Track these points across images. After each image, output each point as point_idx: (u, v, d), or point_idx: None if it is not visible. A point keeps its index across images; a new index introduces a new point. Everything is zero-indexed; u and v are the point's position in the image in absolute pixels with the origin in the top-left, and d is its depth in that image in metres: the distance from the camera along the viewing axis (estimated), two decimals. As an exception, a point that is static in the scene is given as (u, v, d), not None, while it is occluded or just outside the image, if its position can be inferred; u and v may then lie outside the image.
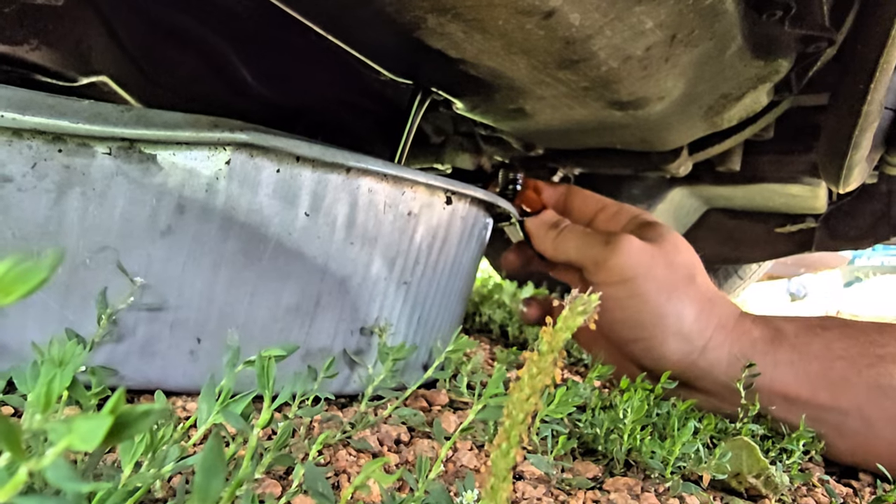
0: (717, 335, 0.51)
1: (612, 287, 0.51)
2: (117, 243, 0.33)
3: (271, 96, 0.96)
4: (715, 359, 0.50)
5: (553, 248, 0.56)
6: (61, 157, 0.31)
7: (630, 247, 0.51)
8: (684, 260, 0.53)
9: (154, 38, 0.75)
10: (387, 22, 0.44)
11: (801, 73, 0.68)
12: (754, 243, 1.35)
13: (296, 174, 0.36)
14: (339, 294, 0.40)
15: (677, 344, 0.50)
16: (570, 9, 0.42)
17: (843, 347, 0.47)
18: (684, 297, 0.51)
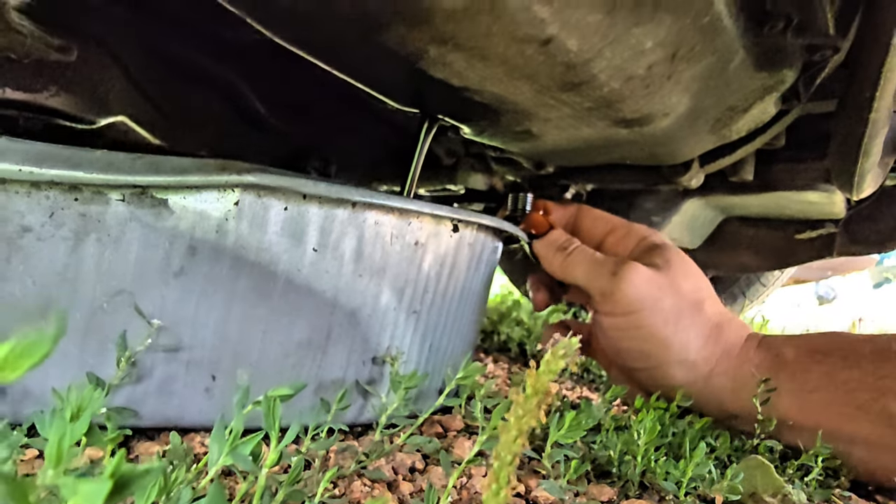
0: (722, 363, 0.51)
1: (619, 318, 0.52)
2: (132, 286, 0.34)
3: (285, 127, 0.98)
4: (719, 386, 0.50)
5: (561, 270, 0.56)
6: (77, 205, 0.33)
7: (636, 278, 0.51)
8: (692, 286, 0.53)
9: (170, 77, 0.77)
10: (389, 55, 0.45)
11: (808, 81, 0.68)
12: (774, 251, 1.34)
13: (303, 211, 0.37)
14: (349, 326, 0.40)
15: (683, 372, 0.51)
16: (568, 35, 0.42)
17: (843, 379, 0.47)
18: (690, 326, 0.51)
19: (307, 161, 1.09)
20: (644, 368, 0.53)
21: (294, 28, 0.43)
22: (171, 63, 0.75)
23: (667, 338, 0.51)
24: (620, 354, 0.54)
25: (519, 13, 0.38)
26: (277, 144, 1.02)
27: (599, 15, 0.41)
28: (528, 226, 0.60)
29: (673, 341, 0.51)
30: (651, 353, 0.52)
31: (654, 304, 0.51)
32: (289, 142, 1.04)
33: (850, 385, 0.47)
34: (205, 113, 0.87)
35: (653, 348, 0.52)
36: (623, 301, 0.51)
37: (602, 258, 0.55)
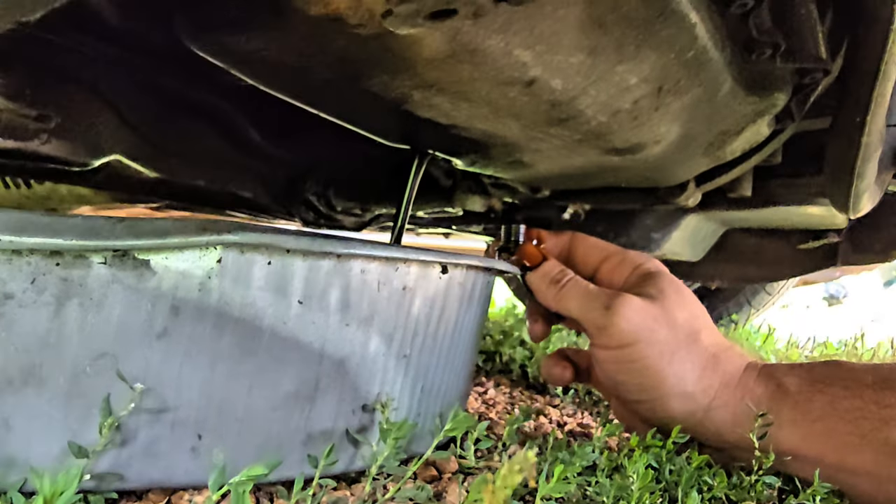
0: (722, 394, 0.50)
1: (613, 351, 0.51)
2: (115, 349, 0.34)
3: (282, 154, 0.98)
4: (720, 418, 0.50)
5: (555, 303, 0.56)
6: (59, 270, 0.33)
7: (630, 311, 0.51)
8: (688, 316, 0.53)
9: (163, 111, 0.77)
10: (375, 99, 0.45)
11: (801, 101, 0.68)
12: (778, 261, 1.33)
13: (287, 264, 0.37)
14: (337, 375, 0.40)
15: (681, 405, 0.50)
16: (551, 76, 0.42)
17: (846, 408, 0.46)
18: (686, 358, 0.51)
19: (305, 186, 1.08)
20: (642, 401, 0.52)
21: (280, 79, 0.43)
22: (164, 97, 0.75)
23: (662, 370, 0.50)
24: (617, 387, 0.54)
25: (500, 59, 0.38)
26: (274, 171, 1.03)
27: (581, 56, 0.41)
28: (521, 257, 0.59)
29: (669, 374, 0.50)
30: (647, 386, 0.51)
31: (648, 336, 0.51)
32: (286, 168, 1.04)
33: (852, 415, 0.46)
34: (200, 144, 0.87)
35: (649, 381, 0.51)
36: (617, 335, 0.51)
37: (595, 291, 0.54)
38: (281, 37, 0.35)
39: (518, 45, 0.37)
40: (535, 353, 1.03)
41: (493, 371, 1.03)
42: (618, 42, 0.41)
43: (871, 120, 0.51)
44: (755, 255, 1.36)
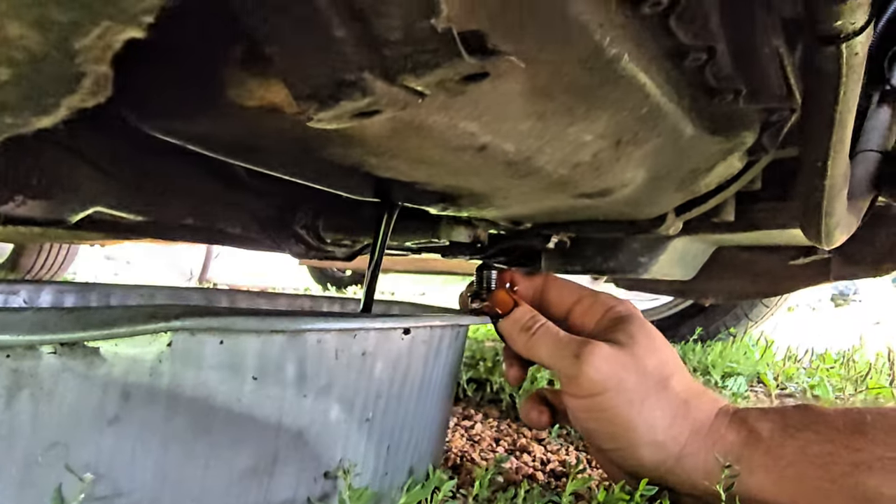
0: (692, 441, 0.50)
1: (583, 400, 0.51)
2: (67, 438, 0.34)
3: (269, 188, 0.99)
4: (691, 466, 0.50)
5: (526, 351, 0.56)
6: (10, 361, 0.33)
7: (599, 361, 0.51)
8: (657, 363, 0.53)
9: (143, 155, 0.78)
10: (333, 164, 0.46)
11: (773, 134, 0.68)
12: (772, 276, 1.33)
13: (240, 342, 0.37)
14: (296, 447, 0.41)
15: (651, 453, 0.50)
16: (502, 141, 0.42)
17: (817, 453, 0.46)
18: (656, 406, 0.51)
19: (293, 219, 1.09)
20: (613, 449, 0.53)
21: (235, 153, 0.44)
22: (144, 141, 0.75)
23: (632, 419, 0.50)
24: (589, 435, 0.54)
25: (447, 131, 0.39)
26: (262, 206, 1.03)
27: (531, 122, 0.41)
28: (493, 304, 0.60)
29: (638, 422, 0.51)
30: (617, 434, 0.51)
31: (617, 385, 0.51)
32: (274, 202, 1.04)
33: (823, 459, 0.46)
34: (185, 184, 0.87)
35: (619, 430, 0.51)
36: (586, 384, 0.51)
37: (565, 339, 0.54)
38: (225, 122, 0.35)
39: (463, 119, 0.38)
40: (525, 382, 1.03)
41: (484, 401, 1.03)
42: (566, 106, 0.41)
43: (832, 164, 0.51)
44: (748, 271, 1.35)
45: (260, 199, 1.01)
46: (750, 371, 1.34)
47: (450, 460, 0.68)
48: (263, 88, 0.30)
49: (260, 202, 1.01)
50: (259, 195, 1.00)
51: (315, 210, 1.08)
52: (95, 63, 0.13)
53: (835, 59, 0.41)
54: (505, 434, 0.83)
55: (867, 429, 0.47)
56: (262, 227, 1.07)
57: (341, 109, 0.26)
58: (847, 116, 0.47)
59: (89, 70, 0.13)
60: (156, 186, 0.81)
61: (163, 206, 0.84)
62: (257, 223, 1.06)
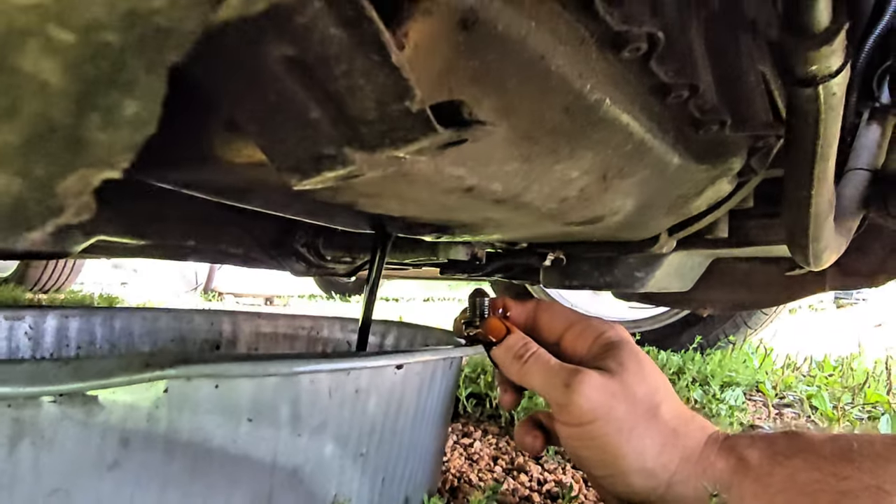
0: (682, 469, 0.51)
1: (573, 429, 0.52)
2: (68, 484, 0.35)
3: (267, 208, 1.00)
4: (681, 493, 0.50)
5: (518, 378, 0.57)
6: (10, 411, 0.34)
7: (589, 389, 0.51)
8: (647, 390, 0.54)
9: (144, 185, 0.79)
10: (325, 203, 0.47)
11: (762, 157, 0.69)
12: (768, 286, 1.33)
13: (234, 386, 0.38)
14: (291, 485, 0.42)
15: (641, 481, 0.51)
16: (488, 182, 0.43)
17: (805, 481, 0.47)
18: (646, 434, 0.52)
19: (294, 238, 1.10)
20: (604, 476, 0.53)
21: (231, 196, 0.45)
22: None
23: (621, 447, 0.51)
24: (580, 461, 0.55)
25: (433, 176, 0.40)
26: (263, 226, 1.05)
27: (516, 164, 0.42)
28: (486, 331, 0.60)
29: (628, 451, 0.51)
30: (608, 462, 0.52)
31: (607, 413, 0.51)
32: (274, 221, 1.06)
33: (811, 487, 0.47)
34: (184, 209, 0.89)
35: (609, 458, 0.51)
36: (577, 413, 0.52)
37: (556, 367, 0.55)
38: (217, 174, 0.36)
39: (448, 165, 0.39)
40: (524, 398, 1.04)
41: (483, 416, 1.04)
42: (550, 148, 0.42)
43: (815, 194, 0.52)
44: (745, 282, 1.36)
45: (260, 220, 1.02)
46: (749, 380, 1.35)
47: (447, 482, 0.69)
48: (250, 148, 0.32)
49: (260, 224, 1.03)
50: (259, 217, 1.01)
51: (315, 229, 1.09)
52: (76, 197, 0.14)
53: (813, 100, 0.42)
54: (503, 452, 0.84)
55: (854, 456, 0.48)
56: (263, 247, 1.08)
57: (323, 178, 0.27)
58: (828, 150, 0.48)
59: (71, 203, 0.14)
60: (157, 213, 0.82)
61: (164, 230, 0.85)
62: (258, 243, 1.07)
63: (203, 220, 0.93)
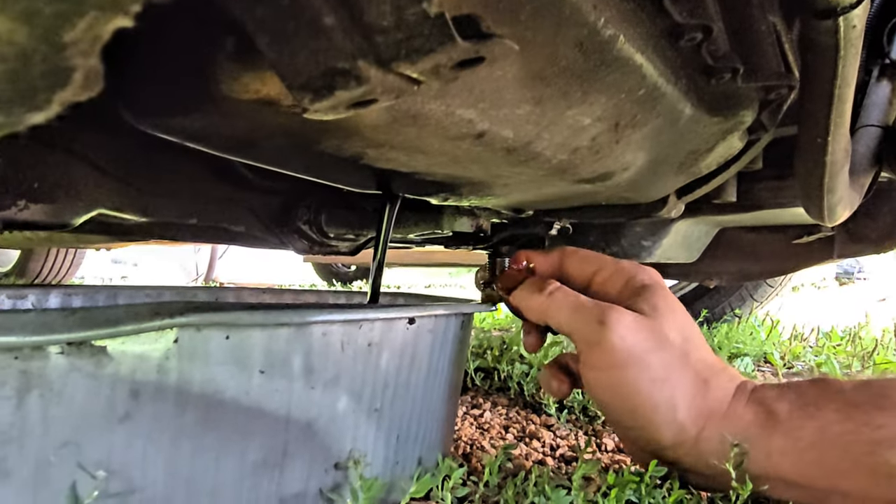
0: (711, 423, 0.49)
1: (603, 373, 0.49)
2: (78, 437, 0.34)
3: (270, 185, 0.99)
4: (708, 449, 0.48)
5: (542, 314, 0.53)
6: (18, 363, 0.33)
7: (624, 329, 0.49)
8: (679, 336, 0.51)
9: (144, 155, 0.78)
10: (332, 157, 0.46)
11: (773, 112, 0.67)
12: (775, 256, 1.32)
13: (245, 337, 0.38)
14: (306, 439, 0.41)
15: (670, 434, 0.49)
16: (500, 128, 0.42)
17: (837, 432, 0.45)
18: (678, 384, 0.49)
19: (296, 215, 1.09)
20: (632, 427, 0.50)
21: (235, 149, 0.44)
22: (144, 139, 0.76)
23: (652, 397, 0.48)
24: (608, 411, 0.52)
25: (444, 119, 0.39)
26: (265, 203, 1.04)
27: (528, 107, 0.41)
28: (504, 283, 0.59)
29: (659, 400, 0.49)
30: (637, 412, 0.49)
31: (641, 358, 0.49)
32: (276, 199, 1.05)
33: (843, 439, 0.45)
34: (187, 183, 0.88)
35: (639, 408, 0.49)
36: (609, 353, 0.49)
37: (587, 303, 0.52)
38: (221, 117, 0.35)
39: (460, 106, 0.38)
40: (532, 367, 1.04)
41: (492, 389, 1.03)
42: (563, 91, 0.41)
43: (832, 140, 0.51)
44: (752, 252, 1.35)
45: (262, 196, 1.01)
46: (756, 351, 1.34)
47: (459, 448, 0.68)
48: (258, 81, 0.30)
49: (262, 200, 1.02)
50: (261, 193, 1.00)
51: (317, 206, 1.08)
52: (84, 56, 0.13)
53: (832, 34, 0.41)
54: (514, 421, 0.83)
55: (887, 403, 0.45)
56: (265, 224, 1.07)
57: (336, 100, 0.26)
58: (846, 91, 0.47)
59: (79, 64, 0.13)
60: (158, 187, 0.81)
61: (165, 206, 0.84)
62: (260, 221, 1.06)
63: (205, 198, 0.92)
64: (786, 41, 0.56)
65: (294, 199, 1.05)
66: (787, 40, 0.56)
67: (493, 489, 0.52)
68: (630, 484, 0.47)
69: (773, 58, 0.55)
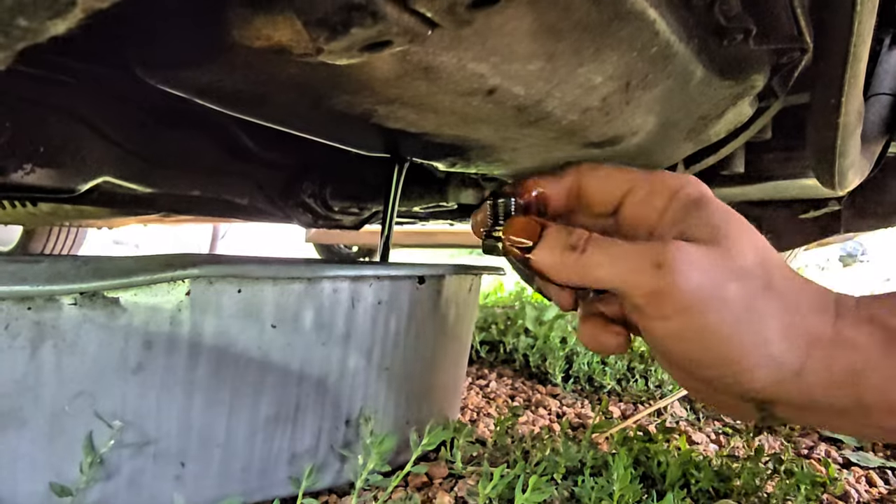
0: (814, 353, 0.40)
1: (672, 322, 0.40)
2: (92, 387, 0.34)
3: (276, 158, 0.99)
4: (813, 381, 0.40)
5: (579, 276, 0.43)
6: (31, 314, 0.33)
7: (688, 267, 0.39)
8: (756, 257, 0.41)
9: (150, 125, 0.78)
10: (341, 116, 0.45)
11: (784, 78, 0.67)
12: (782, 230, 1.32)
13: (257, 291, 0.37)
14: (317, 395, 0.41)
15: (767, 374, 0.40)
16: (511, 84, 0.42)
17: None
18: (765, 313, 0.40)
19: (301, 188, 1.09)
20: (718, 377, 0.41)
21: (243, 105, 0.43)
22: (149, 109, 0.75)
23: (739, 338, 0.39)
24: (681, 365, 0.42)
25: (456, 73, 0.38)
26: (269, 175, 1.03)
27: (540, 62, 0.41)
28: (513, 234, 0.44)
29: (747, 341, 0.39)
30: (721, 358, 0.40)
31: (716, 296, 0.39)
32: (281, 171, 1.04)
33: None
34: (192, 154, 0.87)
35: (722, 352, 0.39)
36: (676, 299, 0.39)
37: (633, 249, 0.42)
38: (232, 69, 0.35)
39: (472, 59, 0.37)
40: (538, 339, 1.04)
41: (497, 361, 1.04)
42: (575, 46, 0.40)
43: (846, 101, 0.50)
44: (758, 227, 1.35)
45: (267, 169, 1.01)
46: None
47: (466, 416, 0.69)
48: (269, 27, 0.30)
49: (267, 173, 1.01)
50: (266, 166, 1.00)
51: (322, 179, 1.07)
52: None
53: (849, -12, 0.40)
54: (519, 391, 0.84)
55: None
56: (269, 197, 1.07)
57: (352, 38, 0.26)
58: (862, 49, 0.46)
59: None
60: (162, 156, 0.81)
61: (170, 177, 0.84)
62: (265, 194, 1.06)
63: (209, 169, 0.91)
64: (798, 5, 0.55)
65: (299, 172, 1.05)
66: (800, 4, 0.55)
67: (502, 449, 0.52)
68: (637, 442, 0.47)
69: (786, 21, 0.55)
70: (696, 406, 0.78)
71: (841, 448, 0.66)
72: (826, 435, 0.70)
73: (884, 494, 0.53)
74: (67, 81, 0.59)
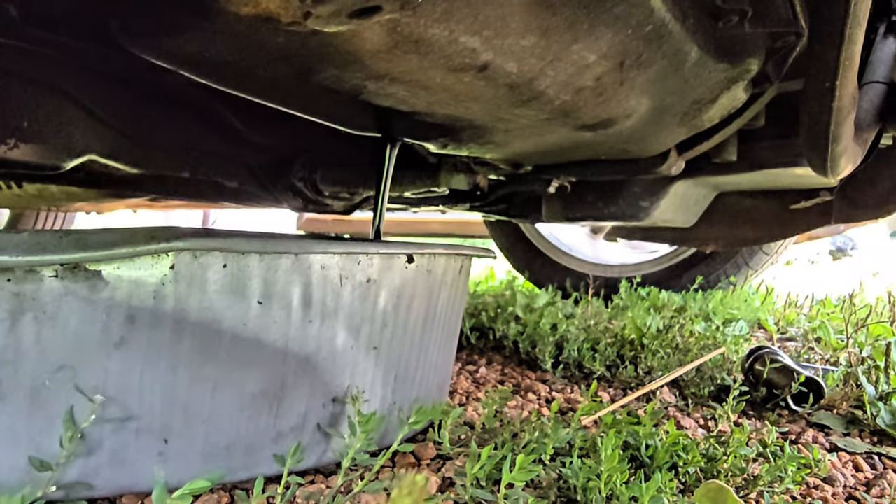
0: None
1: None
2: (73, 361, 0.34)
3: (265, 141, 0.98)
4: None
5: None
6: (10, 286, 0.33)
7: None
8: None
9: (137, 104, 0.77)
10: (330, 92, 0.44)
11: (778, 63, 0.67)
12: (772, 222, 1.32)
13: (243, 266, 0.37)
14: (304, 372, 0.40)
15: None
16: (504, 60, 0.41)
17: None
18: None
19: (291, 172, 1.08)
20: None
21: (229, 78, 0.43)
22: (136, 88, 0.74)
23: None
24: None
25: (447, 47, 0.38)
26: (259, 158, 1.02)
27: (533, 38, 0.40)
28: None
29: None
30: None
31: None
32: (271, 154, 1.04)
33: None
34: (179, 134, 0.86)
35: None
36: None
37: None
38: (218, 38, 0.34)
39: (464, 32, 0.37)
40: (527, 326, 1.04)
41: (487, 348, 1.03)
42: (569, 22, 0.40)
43: (840, 84, 0.50)
44: (749, 218, 1.35)
45: (257, 152, 1.00)
46: (751, 317, 1.35)
47: (455, 400, 0.68)
48: (258, -8, 0.29)
49: (257, 155, 1.00)
50: (256, 149, 0.99)
51: (312, 162, 1.07)
52: None
53: (846, -34, 0.40)
54: (509, 377, 0.84)
55: None
56: (259, 180, 1.06)
57: (341, 2, 0.25)
58: (857, 32, 0.46)
59: None
60: (150, 136, 0.80)
61: (158, 157, 0.83)
62: (255, 177, 1.05)
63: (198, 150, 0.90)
64: (795, -10, 0.55)
65: (289, 155, 1.04)
66: (795, -10, 0.55)
67: (490, 432, 0.52)
68: (626, 425, 0.47)
69: (782, 4, 0.54)
70: (686, 392, 0.78)
71: (829, 434, 0.66)
72: (813, 421, 0.70)
73: (870, 479, 0.53)
74: (50, 55, 0.58)
